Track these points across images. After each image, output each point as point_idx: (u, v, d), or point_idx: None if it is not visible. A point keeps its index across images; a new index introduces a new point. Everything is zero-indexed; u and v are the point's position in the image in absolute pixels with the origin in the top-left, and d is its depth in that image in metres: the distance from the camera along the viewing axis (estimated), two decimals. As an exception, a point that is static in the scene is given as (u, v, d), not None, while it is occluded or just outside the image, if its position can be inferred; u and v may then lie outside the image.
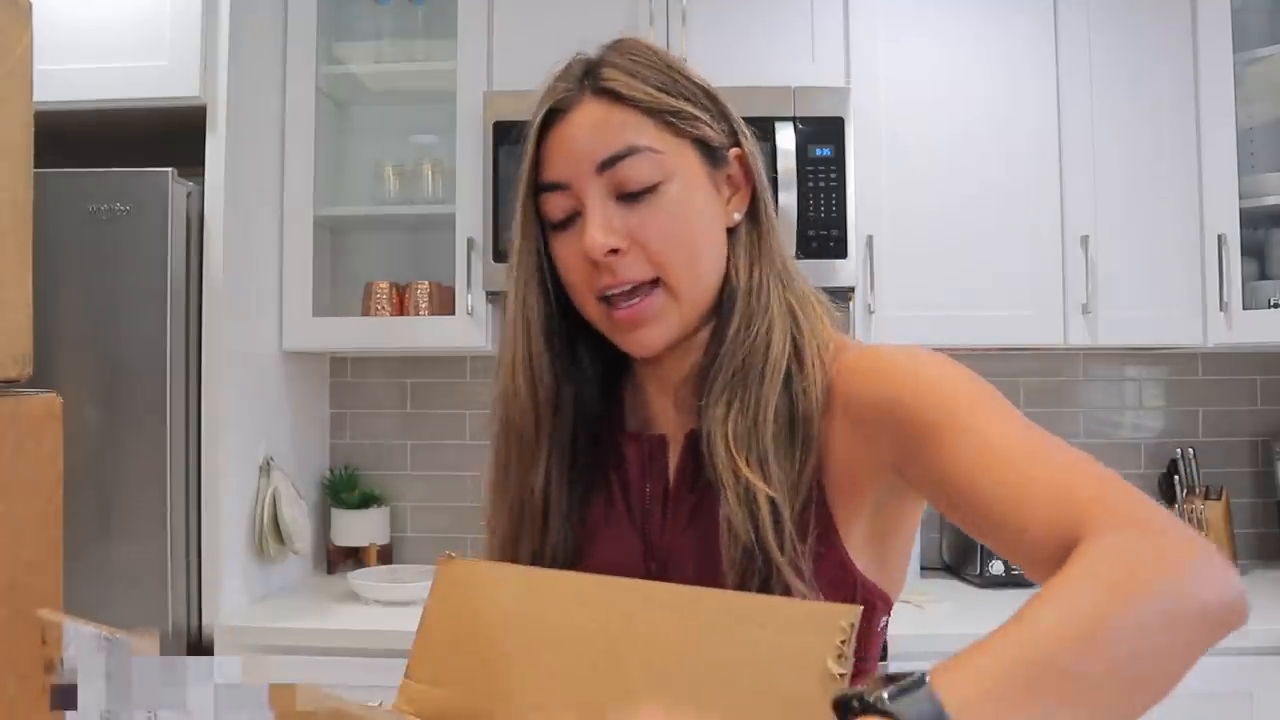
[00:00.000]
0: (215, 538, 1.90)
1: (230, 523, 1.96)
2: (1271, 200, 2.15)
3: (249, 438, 2.05)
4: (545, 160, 0.80)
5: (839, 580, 0.76)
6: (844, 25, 2.18)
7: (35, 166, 0.64)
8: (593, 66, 0.79)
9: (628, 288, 0.77)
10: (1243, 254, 2.14)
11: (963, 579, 2.26)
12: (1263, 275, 2.29)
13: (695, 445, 0.80)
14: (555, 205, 0.79)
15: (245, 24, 2.03)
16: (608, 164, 0.76)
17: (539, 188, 0.80)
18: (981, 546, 2.12)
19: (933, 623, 1.91)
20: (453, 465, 2.48)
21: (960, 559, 2.27)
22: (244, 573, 2.02)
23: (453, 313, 2.20)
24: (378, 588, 2.05)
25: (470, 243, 2.15)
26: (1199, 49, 2.15)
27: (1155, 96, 2.16)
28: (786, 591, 0.72)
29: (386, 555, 2.41)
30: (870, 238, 2.13)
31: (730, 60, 2.14)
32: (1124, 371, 2.48)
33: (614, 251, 0.76)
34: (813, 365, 0.78)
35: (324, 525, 2.41)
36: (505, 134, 2.09)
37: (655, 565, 0.81)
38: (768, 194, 0.83)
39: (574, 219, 0.78)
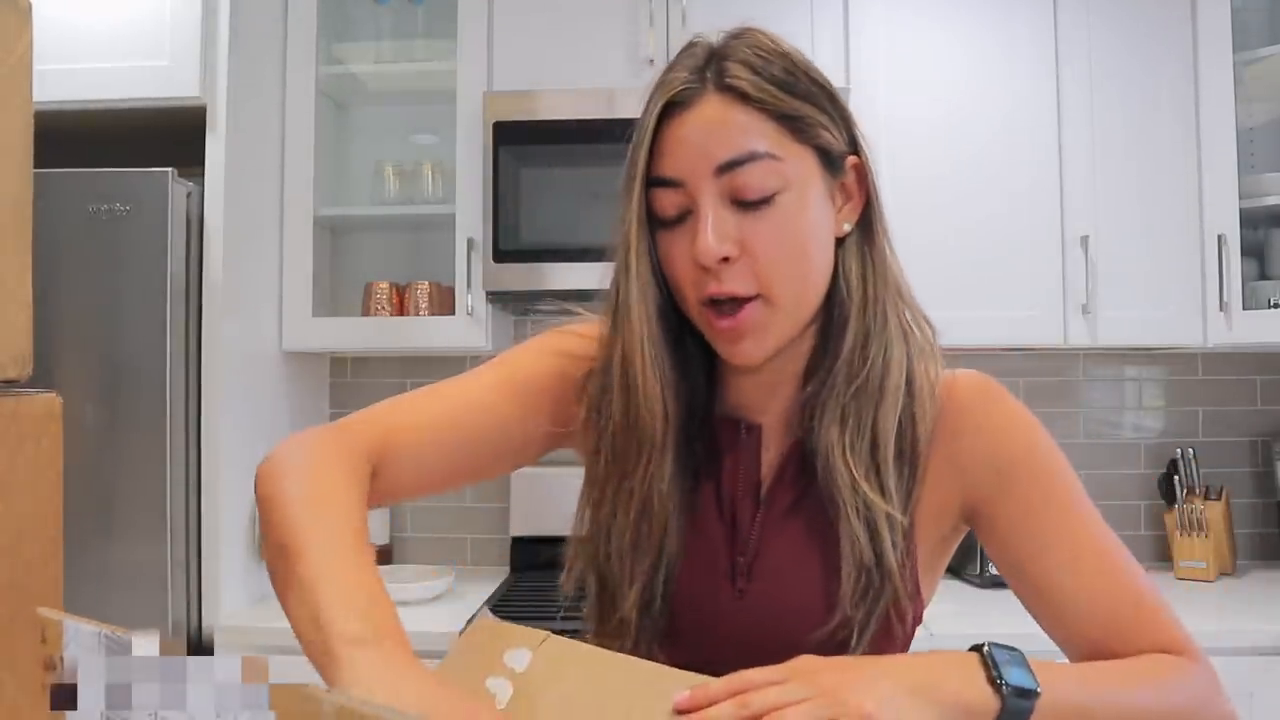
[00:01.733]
0: (215, 537, 1.90)
1: (230, 523, 1.96)
2: (1271, 200, 2.15)
3: (249, 438, 2.05)
4: (660, 154, 0.76)
5: (912, 601, 0.80)
6: (843, 26, 2.18)
7: (35, 166, 0.64)
8: (718, 59, 0.76)
9: (729, 298, 0.75)
10: (1242, 254, 2.14)
11: (964, 579, 2.26)
12: (1262, 275, 2.29)
13: (799, 449, 0.81)
14: (667, 201, 0.76)
15: (245, 24, 2.03)
16: (726, 167, 0.74)
17: (651, 181, 0.77)
18: (982, 549, 2.12)
19: (934, 623, 1.91)
20: (453, 465, 2.47)
21: (961, 560, 2.27)
22: (244, 572, 2.02)
23: (453, 313, 2.20)
24: (378, 588, 2.05)
25: (470, 243, 2.15)
26: (1199, 49, 2.15)
27: (1155, 96, 2.16)
28: (896, 607, 0.76)
29: (386, 555, 2.41)
30: (870, 238, 2.13)
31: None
32: (1124, 371, 2.48)
33: (724, 259, 0.74)
34: (925, 393, 0.79)
35: (324, 525, 2.41)
36: (505, 134, 2.09)
37: (744, 559, 0.80)
38: (881, 204, 0.81)
39: (684, 217, 0.76)
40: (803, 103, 0.76)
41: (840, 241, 0.80)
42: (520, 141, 2.10)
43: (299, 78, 2.22)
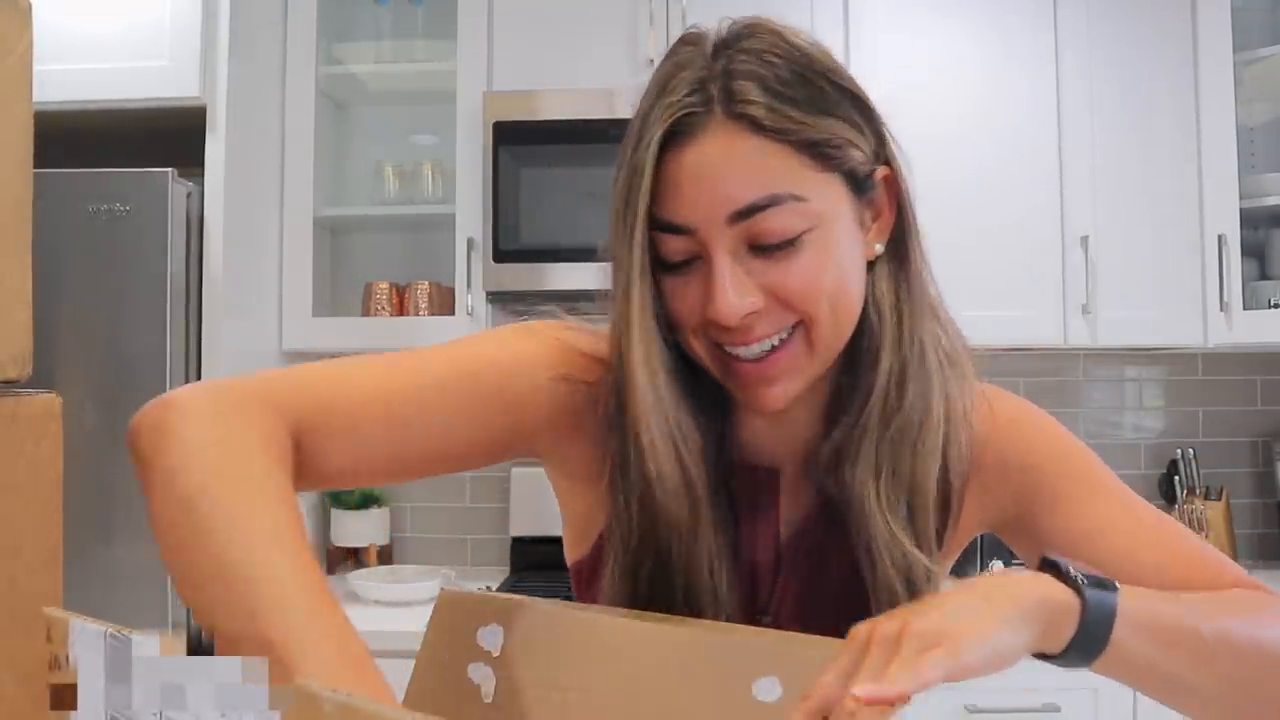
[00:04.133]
0: (215, 538, 1.90)
1: (230, 523, 1.96)
2: (1272, 200, 2.15)
3: (249, 438, 2.05)
4: (663, 193, 0.64)
5: None
6: (843, 25, 2.18)
7: (35, 167, 0.64)
8: (725, 75, 0.64)
9: (765, 345, 0.66)
10: (1243, 254, 2.14)
11: (966, 579, 2.26)
12: (1263, 275, 2.29)
13: (822, 497, 0.73)
14: (672, 247, 0.66)
15: (245, 24, 2.03)
16: (744, 214, 0.63)
17: (653, 224, 0.65)
18: (982, 546, 2.12)
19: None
20: (453, 465, 2.47)
21: (961, 558, 2.26)
22: (244, 573, 2.02)
23: (453, 313, 2.20)
24: (378, 588, 2.05)
25: (470, 243, 2.15)
26: (1199, 48, 2.15)
27: (1155, 96, 2.16)
28: None
29: (386, 556, 2.41)
30: (870, 238, 2.13)
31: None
32: (1124, 372, 2.48)
33: (754, 313, 0.65)
34: (961, 427, 0.72)
35: (324, 525, 2.41)
36: (505, 134, 2.09)
37: (768, 619, 0.73)
38: (915, 217, 0.73)
39: (693, 261, 0.66)
40: (829, 120, 0.65)
41: (870, 264, 0.70)
42: (520, 141, 2.10)
43: (299, 78, 2.22)
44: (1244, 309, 2.11)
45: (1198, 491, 2.27)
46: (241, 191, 2.01)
